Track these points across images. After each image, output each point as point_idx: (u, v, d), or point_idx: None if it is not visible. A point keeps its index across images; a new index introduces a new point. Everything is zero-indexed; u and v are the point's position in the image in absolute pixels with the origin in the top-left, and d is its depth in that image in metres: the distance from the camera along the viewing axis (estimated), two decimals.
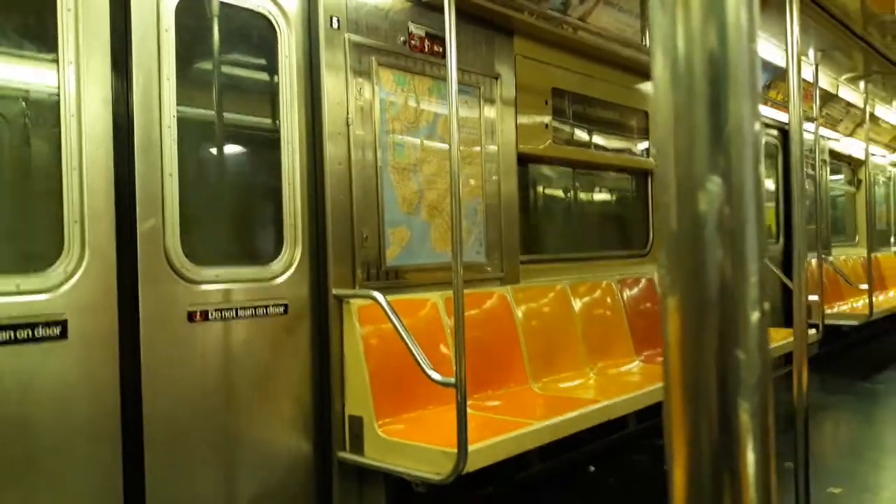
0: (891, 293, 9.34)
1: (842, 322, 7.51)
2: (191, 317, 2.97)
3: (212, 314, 3.03)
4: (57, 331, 2.58)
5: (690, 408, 0.51)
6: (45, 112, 2.72)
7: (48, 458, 2.56)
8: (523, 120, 4.58)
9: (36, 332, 2.53)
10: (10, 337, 2.47)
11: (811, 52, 5.98)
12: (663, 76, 0.53)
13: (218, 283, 3.06)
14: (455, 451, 2.88)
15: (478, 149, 4.21)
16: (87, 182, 2.68)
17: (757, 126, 0.52)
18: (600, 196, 6.18)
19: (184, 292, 2.95)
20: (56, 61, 2.66)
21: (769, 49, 5.37)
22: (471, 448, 2.90)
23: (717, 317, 0.50)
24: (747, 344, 0.50)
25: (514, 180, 4.46)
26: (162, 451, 2.86)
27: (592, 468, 4.24)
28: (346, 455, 3.38)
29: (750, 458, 0.50)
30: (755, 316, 0.50)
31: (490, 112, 4.29)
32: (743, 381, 0.50)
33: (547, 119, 4.85)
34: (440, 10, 2.97)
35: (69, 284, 2.63)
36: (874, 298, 7.58)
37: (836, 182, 10.09)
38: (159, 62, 2.90)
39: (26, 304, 2.52)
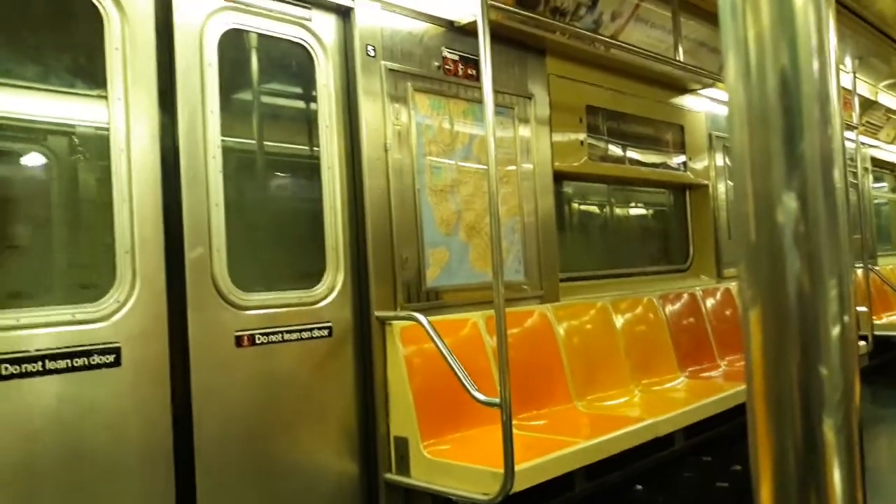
0: None
1: (892, 333, 7.30)
2: (238, 342, 3.02)
3: (258, 339, 3.08)
4: (111, 358, 2.65)
5: (775, 424, 0.51)
6: (95, 147, 2.82)
7: (104, 483, 2.62)
8: (558, 138, 4.59)
9: (91, 360, 2.60)
10: (67, 365, 2.54)
11: (848, 60, 5.90)
12: (737, 93, 0.54)
13: (264, 308, 3.11)
14: (502, 471, 2.87)
15: (513, 168, 4.23)
16: (137, 213, 2.76)
17: (832, 142, 0.52)
18: (638, 211, 6.14)
19: (231, 318, 3.01)
20: (105, 98, 2.76)
21: None
22: (518, 468, 2.88)
23: (798, 331, 0.51)
24: (830, 360, 0.50)
25: (550, 198, 4.46)
26: (212, 474, 2.90)
27: (640, 487, 4.17)
28: (393, 476, 3.38)
29: (836, 475, 0.50)
30: (836, 331, 0.50)
31: (525, 131, 4.31)
32: (827, 397, 0.50)
33: (582, 136, 4.85)
34: (473, 34, 3.01)
35: (122, 313, 2.70)
36: None
37: (880, 190, 9.87)
38: (203, 95, 2.98)
39: (82, 333, 2.60)
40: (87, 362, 2.58)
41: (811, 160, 0.52)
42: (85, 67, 2.86)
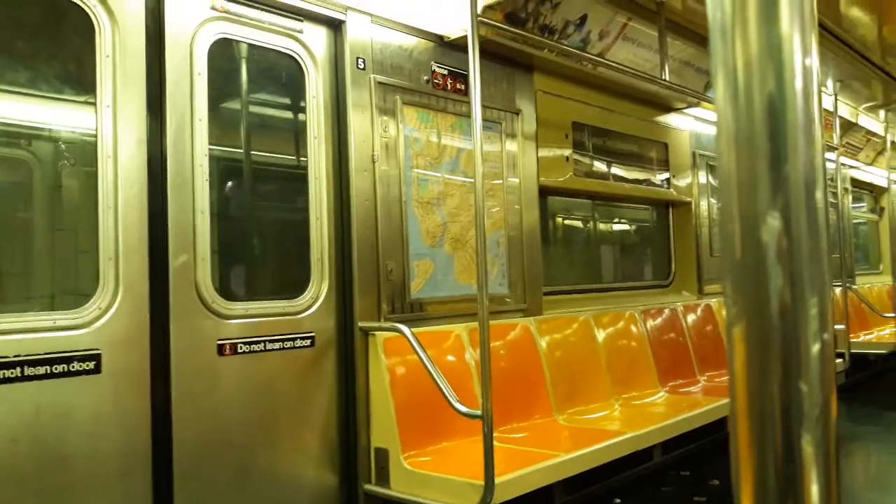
0: None
1: (868, 351, 7.40)
2: (220, 350, 3.01)
3: (241, 347, 3.07)
4: (91, 365, 2.63)
5: (756, 437, 0.53)
6: (82, 153, 2.81)
7: (81, 490, 2.59)
8: (544, 153, 4.63)
9: (71, 367, 2.58)
10: (47, 371, 2.52)
11: (830, 82, 6.02)
12: (725, 117, 0.56)
13: (247, 317, 3.11)
14: (482, 483, 2.87)
15: (500, 182, 4.26)
16: (122, 220, 2.75)
17: (815, 164, 0.55)
18: (621, 227, 6.20)
19: (214, 326, 3.00)
20: (94, 104, 2.75)
21: None
22: (498, 480, 2.88)
23: (780, 348, 0.53)
24: (809, 376, 0.52)
25: (535, 212, 4.50)
26: (191, 483, 2.88)
27: (618, 500, 4.19)
28: (372, 487, 3.37)
29: (814, 489, 0.52)
30: (816, 348, 0.52)
31: (511, 146, 4.35)
32: (806, 412, 0.52)
33: (567, 152, 4.90)
34: (463, 49, 3.04)
35: (103, 320, 2.68)
36: None
37: (859, 210, 10.03)
38: (192, 104, 2.99)
39: (62, 340, 2.58)
40: (66, 369, 2.56)
41: (795, 182, 0.54)
42: (74, 74, 2.85)
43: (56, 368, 2.54)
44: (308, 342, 3.31)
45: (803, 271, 0.53)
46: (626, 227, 6.25)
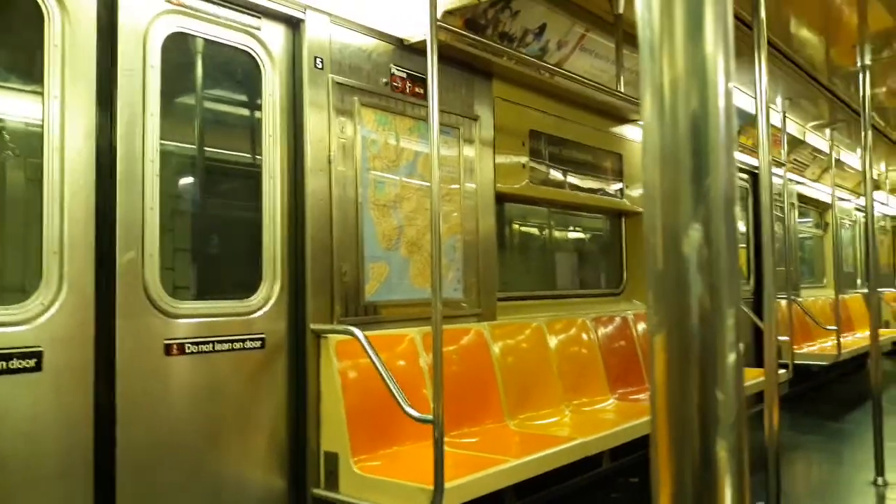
0: (858, 334, 9.53)
1: (811, 362, 7.63)
2: (167, 350, 2.95)
3: (188, 348, 3.02)
4: (32, 363, 2.56)
5: (675, 444, 0.55)
6: (27, 144, 2.73)
7: (18, 492, 2.51)
8: (501, 160, 4.67)
9: (10, 364, 2.51)
10: None
11: (779, 100, 6.20)
12: (651, 132, 0.58)
13: (195, 316, 3.06)
14: (432, 487, 2.88)
15: (456, 187, 4.27)
16: (68, 214, 2.68)
17: (732, 180, 0.57)
18: (575, 235, 6.28)
19: (161, 325, 2.94)
20: (41, 95, 2.68)
21: (739, 97, 5.56)
22: (447, 485, 2.89)
23: (699, 356, 0.55)
24: (725, 384, 0.54)
25: (491, 218, 4.53)
26: (134, 487, 2.81)
27: None
28: (321, 492, 3.35)
29: (728, 494, 0.54)
30: (732, 357, 0.55)
31: (469, 152, 4.37)
32: (721, 420, 0.54)
33: (524, 159, 4.96)
34: (422, 53, 3.05)
35: (46, 316, 2.61)
36: (841, 339, 7.73)
37: (805, 225, 10.34)
38: (144, 97, 2.93)
39: (1, 337, 2.50)
40: (5, 366, 2.48)
41: (715, 196, 0.57)
42: (20, 62, 2.78)
43: None
44: (258, 343, 3.27)
45: (721, 282, 0.55)
46: (580, 235, 6.34)
